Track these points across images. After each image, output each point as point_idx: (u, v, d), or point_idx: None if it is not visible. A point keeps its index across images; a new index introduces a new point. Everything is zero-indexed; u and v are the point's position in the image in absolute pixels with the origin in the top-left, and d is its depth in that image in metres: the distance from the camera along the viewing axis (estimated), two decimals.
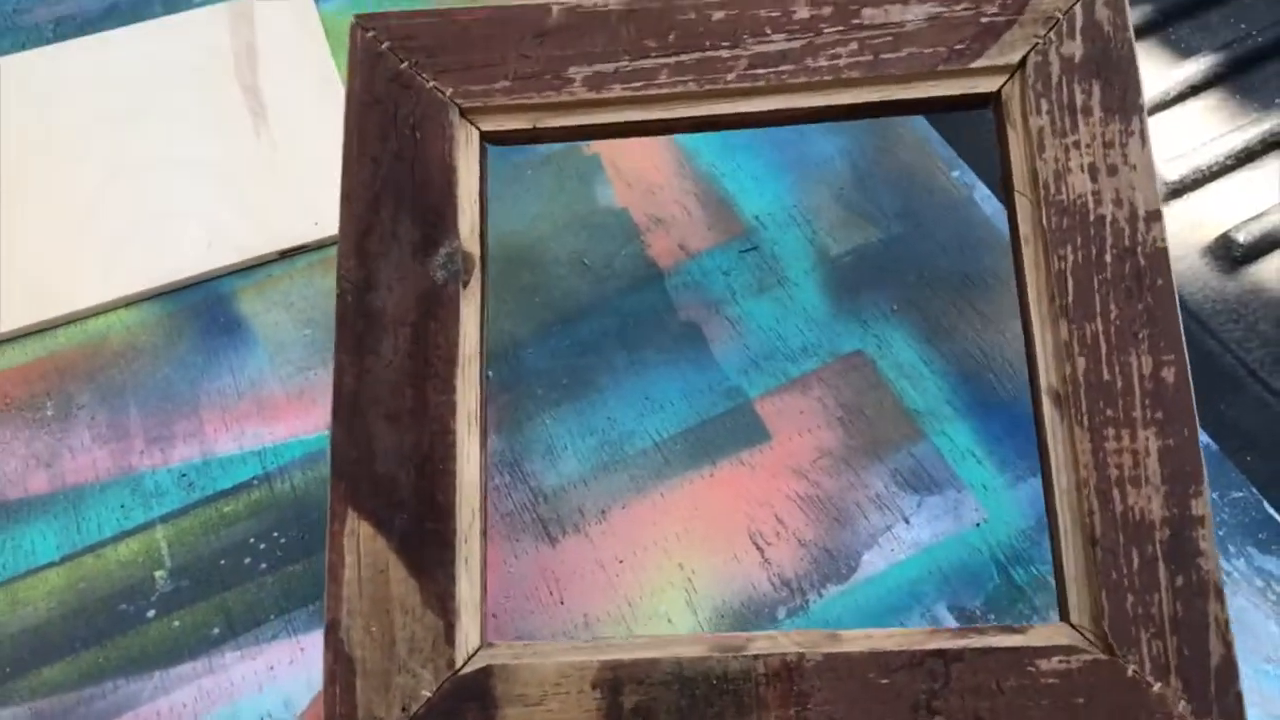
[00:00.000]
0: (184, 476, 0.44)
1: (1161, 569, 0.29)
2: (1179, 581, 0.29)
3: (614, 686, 0.30)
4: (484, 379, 0.33)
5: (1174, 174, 0.53)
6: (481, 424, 0.33)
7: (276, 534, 0.43)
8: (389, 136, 0.33)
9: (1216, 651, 0.29)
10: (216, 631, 0.41)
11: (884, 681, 0.29)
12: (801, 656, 0.30)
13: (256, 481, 0.44)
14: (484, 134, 0.34)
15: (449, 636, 0.30)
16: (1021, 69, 0.33)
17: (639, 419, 0.45)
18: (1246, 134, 0.54)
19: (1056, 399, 0.31)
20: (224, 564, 0.42)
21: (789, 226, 0.50)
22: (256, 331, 0.48)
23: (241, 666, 0.40)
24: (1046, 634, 0.30)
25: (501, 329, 0.47)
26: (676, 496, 0.43)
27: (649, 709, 0.29)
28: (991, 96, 0.33)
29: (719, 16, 0.34)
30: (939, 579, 0.40)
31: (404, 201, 0.33)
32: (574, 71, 0.34)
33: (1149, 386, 0.30)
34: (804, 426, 0.44)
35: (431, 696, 0.29)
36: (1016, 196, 0.33)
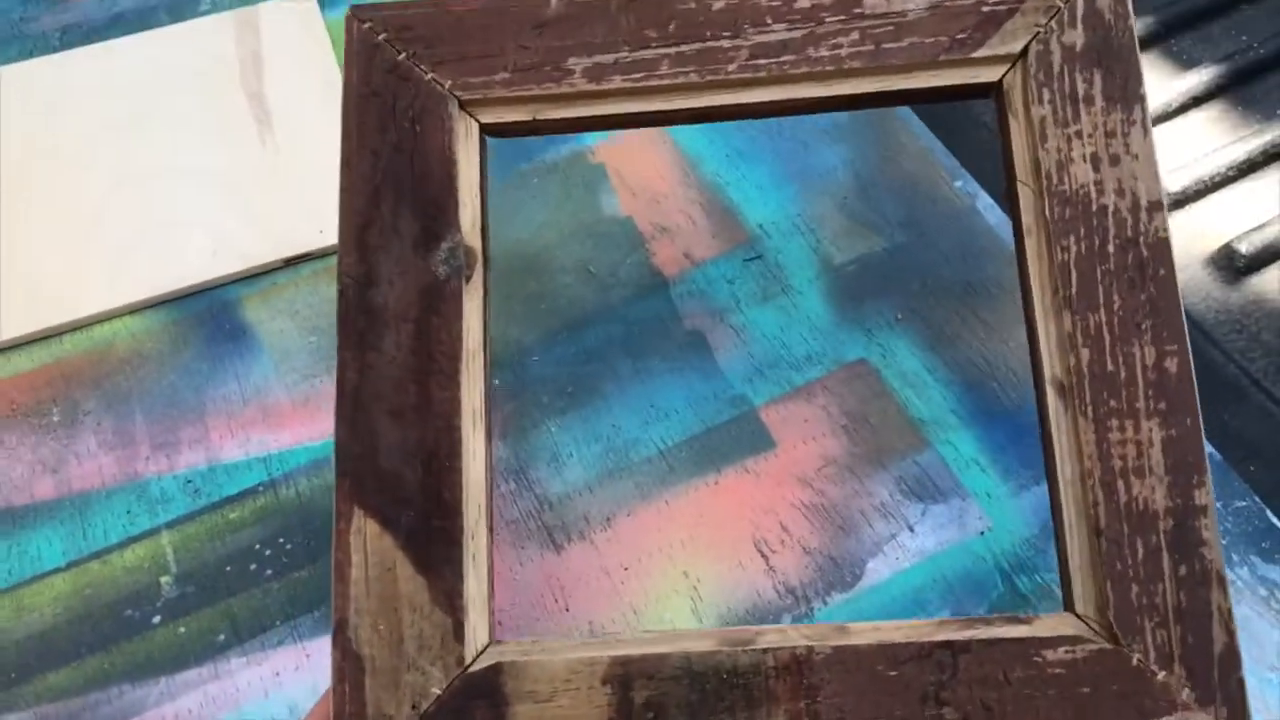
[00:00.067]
0: (190, 483, 0.44)
1: (1165, 559, 0.29)
2: (1182, 571, 0.29)
3: (624, 682, 0.30)
4: (488, 374, 0.33)
5: (1176, 185, 0.53)
6: (486, 420, 0.33)
7: (282, 540, 0.43)
8: (388, 129, 0.33)
9: (1219, 640, 0.29)
10: (222, 638, 0.41)
11: (892, 673, 0.29)
12: (810, 650, 0.30)
13: (262, 488, 0.44)
14: (484, 126, 0.34)
15: (458, 634, 0.30)
16: (1023, 58, 0.33)
17: (644, 426, 0.45)
18: (1248, 145, 0.55)
19: (1061, 390, 0.31)
20: (229, 570, 0.42)
21: (793, 235, 0.50)
22: (262, 339, 0.48)
23: (247, 673, 0.40)
24: (1052, 624, 0.30)
25: (507, 336, 0.47)
26: (681, 504, 0.43)
27: (660, 704, 0.29)
28: (993, 86, 0.33)
29: (719, 6, 0.33)
30: (943, 587, 0.40)
31: (404, 195, 0.33)
32: (574, 63, 0.33)
33: (1152, 377, 0.30)
34: (808, 435, 0.44)
35: (441, 694, 0.29)
36: (1019, 187, 0.33)
